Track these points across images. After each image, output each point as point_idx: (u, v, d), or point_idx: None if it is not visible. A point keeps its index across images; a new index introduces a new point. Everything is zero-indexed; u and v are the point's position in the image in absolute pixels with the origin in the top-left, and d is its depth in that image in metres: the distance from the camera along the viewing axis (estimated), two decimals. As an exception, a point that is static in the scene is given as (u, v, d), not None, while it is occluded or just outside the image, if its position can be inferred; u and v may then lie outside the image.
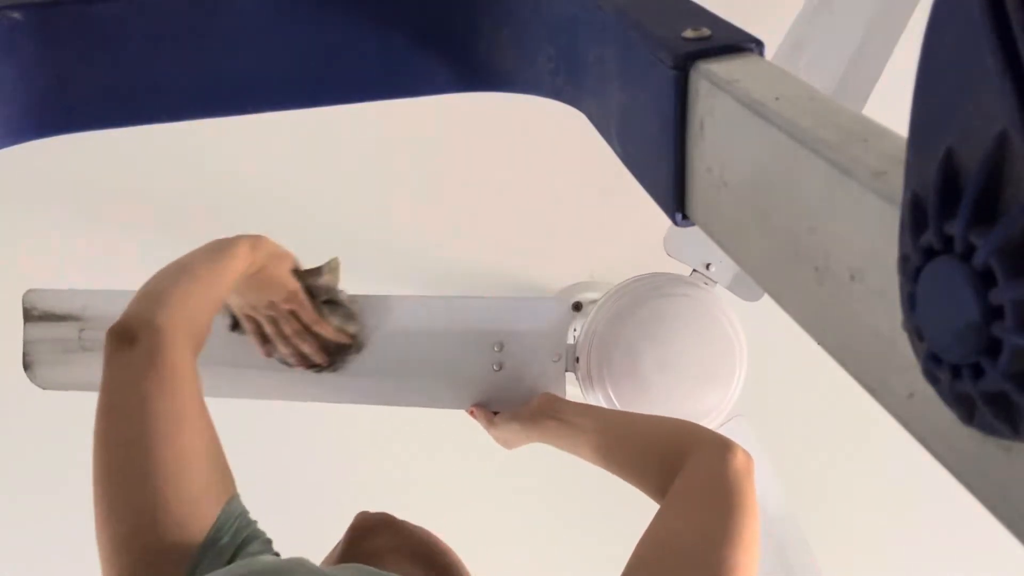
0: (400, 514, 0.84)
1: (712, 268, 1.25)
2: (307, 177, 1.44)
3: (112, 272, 1.46)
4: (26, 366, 1.06)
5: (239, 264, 0.89)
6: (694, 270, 1.26)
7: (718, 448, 0.77)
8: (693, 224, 0.48)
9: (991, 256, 0.22)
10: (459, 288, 1.52)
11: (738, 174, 0.42)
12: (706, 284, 1.25)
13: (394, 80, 0.68)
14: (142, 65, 0.64)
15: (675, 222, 0.49)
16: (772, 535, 1.25)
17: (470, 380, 1.10)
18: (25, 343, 1.06)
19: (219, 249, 0.88)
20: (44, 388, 1.08)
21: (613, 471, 0.87)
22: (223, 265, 0.87)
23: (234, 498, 0.70)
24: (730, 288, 1.25)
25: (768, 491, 1.25)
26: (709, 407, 1.22)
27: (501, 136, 1.40)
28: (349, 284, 1.24)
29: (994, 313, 0.22)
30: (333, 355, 1.04)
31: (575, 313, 1.57)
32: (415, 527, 0.82)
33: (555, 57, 0.64)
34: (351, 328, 1.05)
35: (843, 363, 0.34)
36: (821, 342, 0.36)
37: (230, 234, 0.92)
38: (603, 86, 0.58)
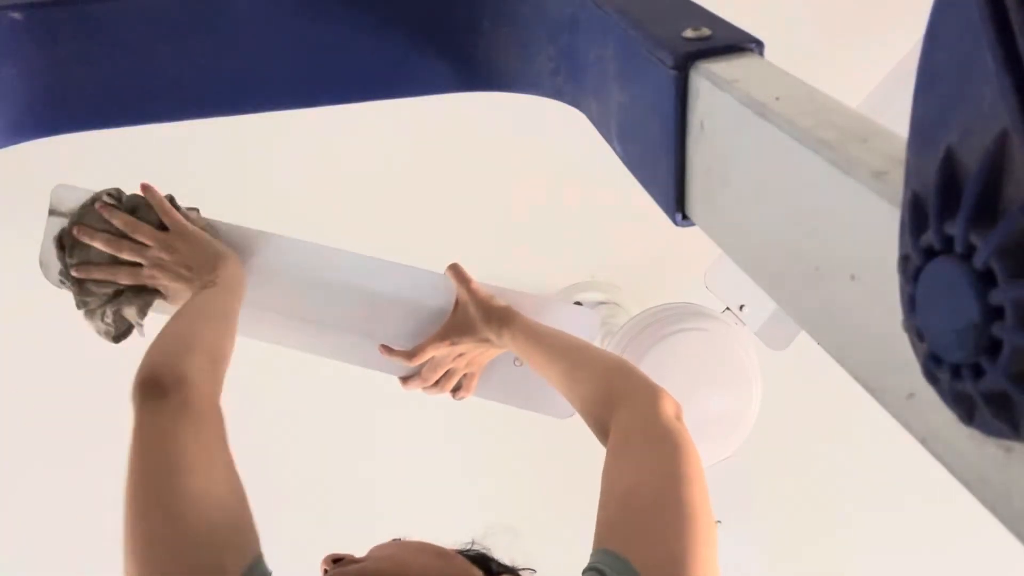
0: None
1: (745, 310, 1.26)
2: (305, 178, 1.44)
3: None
4: (42, 261, 1.02)
5: (243, 291, 0.94)
6: (727, 308, 1.27)
7: (649, 395, 0.83)
8: (693, 224, 0.48)
9: (991, 256, 0.22)
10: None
11: (738, 174, 0.42)
12: (736, 325, 1.26)
13: (394, 80, 0.68)
14: (142, 65, 0.64)
15: (675, 222, 0.49)
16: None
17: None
18: (45, 237, 1.01)
19: (233, 293, 0.92)
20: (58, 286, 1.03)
21: (552, 376, 0.95)
22: (235, 298, 0.92)
23: (257, 562, 0.66)
24: (758, 334, 1.27)
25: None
26: (727, 432, 1.25)
27: (501, 136, 1.40)
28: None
29: (994, 313, 0.22)
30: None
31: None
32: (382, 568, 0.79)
33: (555, 57, 0.64)
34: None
35: (843, 363, 0.34)
36: (821, 342, 0.36)
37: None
38: (603, 86, 0.58)
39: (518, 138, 1.40)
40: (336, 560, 0.81)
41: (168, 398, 0.74)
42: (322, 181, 1.46)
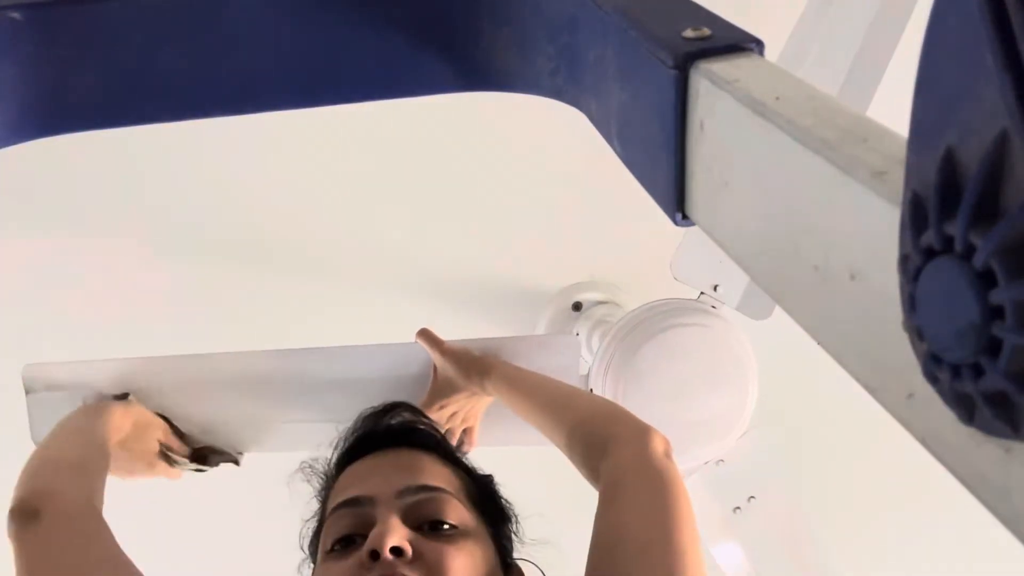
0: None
1: (720, 289, 1.25)
2: (304, 179, 1.44)
3: (107, 277, 1.46)
4: (35, 437, 1.07)
5: (114, 426, 0.96)
6: (702, 292, 1.27)
7: (638, 435, 0.83)
8: (693, 224, 0.48)
9: (991, 256, 0.22)
10: (459, 288, 1.52)
11: (738, 174, 0.42)
12: (714, 307, 1.26)
13: (394, 80, 0.68)
14: (142, 65, 0.64)
15: (675, 222, 0.49)
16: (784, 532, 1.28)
17: None
18: (30, 417, 1.07)
19: (94, 414, 0.96)
20: None
21: (540, 426, 0.95)
22: (100, 428, 0.94)
23: None
24: (738, 308, 1.26)
25: (780, 495, 1.28)
26: (723, 428, 1.24)
27: (500, 136, 1.40)
28: (347, 289, 1.23)
29: (994, 313, 0.22)
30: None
31: (575, 313, 1.57)
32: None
33: (555, 57, 0.64)
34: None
35: (843, 363, 0.34)
36: (821, 342, 0.36)
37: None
38: (603, 86, 0.58)
39: (517, 138, 1.40)
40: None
41: (41, 518, 0.76)
42: (319, 182, 1.46)
